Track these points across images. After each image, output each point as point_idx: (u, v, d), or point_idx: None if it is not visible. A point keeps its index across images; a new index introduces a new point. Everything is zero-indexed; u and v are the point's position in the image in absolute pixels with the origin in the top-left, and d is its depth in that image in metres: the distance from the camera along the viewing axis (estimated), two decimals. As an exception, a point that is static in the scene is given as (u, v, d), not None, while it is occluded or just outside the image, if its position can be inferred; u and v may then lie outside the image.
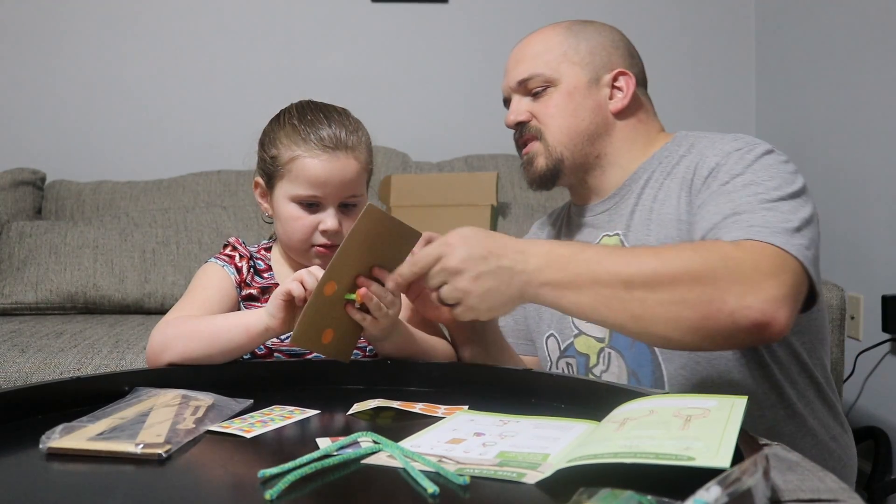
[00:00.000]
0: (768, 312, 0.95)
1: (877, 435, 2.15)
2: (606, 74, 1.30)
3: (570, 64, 1.29)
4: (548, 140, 1.29)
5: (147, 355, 1.15)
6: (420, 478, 0.72)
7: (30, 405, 0.97)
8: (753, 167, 1.12)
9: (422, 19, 2.94)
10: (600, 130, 1.29)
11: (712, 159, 1.17)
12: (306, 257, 1.24)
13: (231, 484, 0.79)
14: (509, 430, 0.87)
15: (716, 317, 0.96)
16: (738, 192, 1.09)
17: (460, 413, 0.95)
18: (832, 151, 2.46)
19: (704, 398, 0.82)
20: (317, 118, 1.24)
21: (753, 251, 0.99)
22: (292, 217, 1.22)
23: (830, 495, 0.68)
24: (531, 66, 1.30)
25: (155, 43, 2.88)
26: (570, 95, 1.28)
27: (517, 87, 1.32)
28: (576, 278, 0.99)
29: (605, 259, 1.00)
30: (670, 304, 0.96)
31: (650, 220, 1.22)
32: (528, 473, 0.73)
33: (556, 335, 1.33)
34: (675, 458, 0.67)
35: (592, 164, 1.31)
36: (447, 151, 2.86)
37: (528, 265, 1.00)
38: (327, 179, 1.20)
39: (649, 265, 0.98)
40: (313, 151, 1.20)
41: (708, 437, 0.70)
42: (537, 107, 1.30)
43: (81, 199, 2.68)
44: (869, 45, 2.30)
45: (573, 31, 1.32)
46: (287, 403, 1.01)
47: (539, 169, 1.31)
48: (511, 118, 1.33)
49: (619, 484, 0.64)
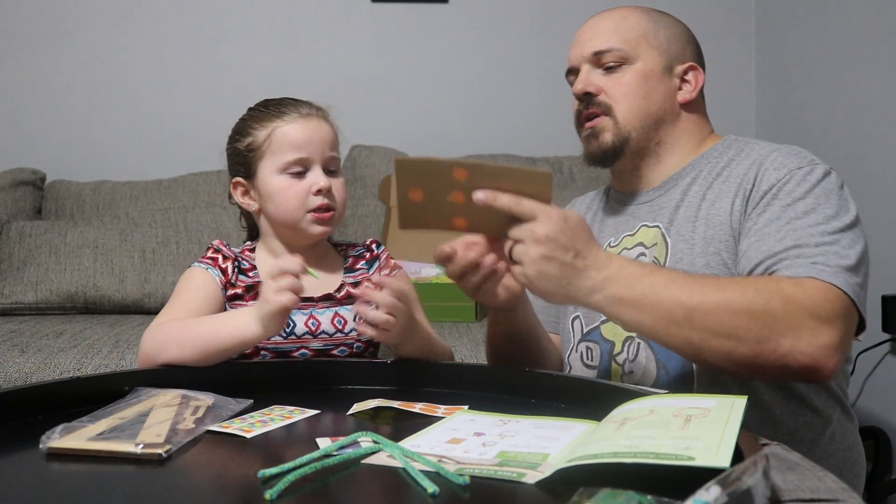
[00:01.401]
0: (820, 360, 0.99)
1: (877, 435, 2.15)
2: (679, 65, 1.29)
3: (649, 46, 1.28)
4: (617, 117, 1.27)
5: (140, 360, 1.16)
6: (420, 477, 0.72)
7: (30, 405, 0.97)
8: (815, 192, 1.14)
9: (422, 19, 2.94)
10: (667, 117, 1.29)
11: (773, 174, 1.17)
12: (303, 228, 1.25)
13: (231, 484, 0.79)
14: (509, 429, 0.87)
15: (768, 357, 0.99)
16: (800, 219, 1.11)
17: (460, 413, 0.95)
18: (832, 151, 2.46)
19: (704, 398, 0.82)
20: (281, 101, 1.29)
21: (815, 293, 1.02)
22: (283, 188, 1.24)
23: (830, 495, 0.68)
24: (610, 40, 1.28)
25: (155, 43, 2.88)
26: (644, 77, 1.27)
27: (590, 58, 1.30)
28: (641, 298, 1.01)
29: (672, 285, 1.02)
30: (726, 338, 0.99)
31: (696, 217, 1.22)
32: (528, 473, 0.73)
33: (582, 317, 1.33)
34: (675, 458, 0.67)
35: (652, 150, 1.30)
36: (447, 151, 2.86)
37: (599, 275, 1.01)
38: (309, 138, 1.24)
39: (712, 299, 1.00)
40: (288, 118, 1.24)
41: (708, 436, 0.70)
42: (609, 82, 1.28)
43: (81, 199, 2.68)
44: (869, 44, 2.30)
45: (652, 16, 1.31)
46: (287, 403, 1.01)
47: (605, 144, 1.28)
48: (580, 87, 1.30)
49: (619, 484, 0.64)
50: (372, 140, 2.81)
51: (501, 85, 2.95)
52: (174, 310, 1.21)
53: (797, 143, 1.33)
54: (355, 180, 2.75)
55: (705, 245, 1.19)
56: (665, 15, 1.34)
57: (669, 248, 1.23)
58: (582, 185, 2.69)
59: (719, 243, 1.18)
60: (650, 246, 1.26)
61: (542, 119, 2.95)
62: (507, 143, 2.88)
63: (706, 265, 1.18)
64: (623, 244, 1.30)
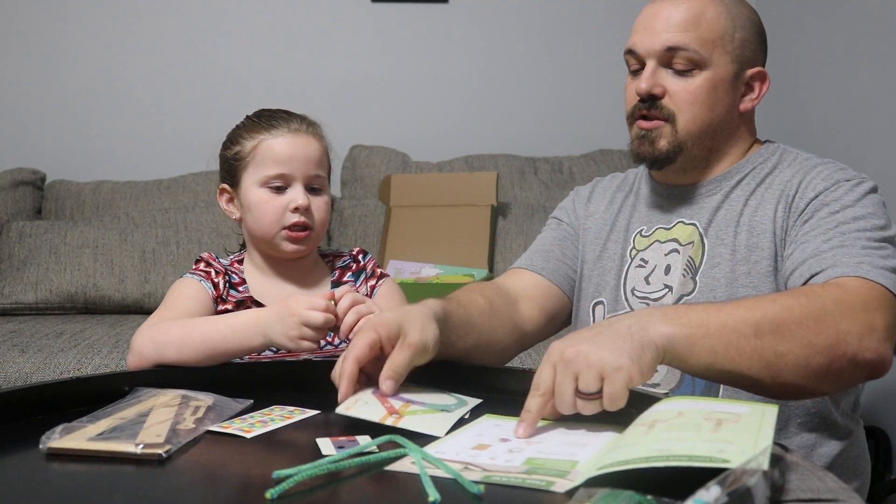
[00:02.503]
0: (881, 352, 0.98)
1: (877, 435, 2.15)
2: (748, 70, 1.23)
3: (723, 52, 1.19)
4: (678, 126, 1.20)
5: (131, 360, 1.14)
6: (427, 484, 0.70)
7: (30, 405, 0.97)
8: (863, 202, 1.12)
9: (422, 19, 2.94)
10: (726, 128, 1.23)
11: (820, 183, 1.15)
12: (277, 244, 1.25)
13: (231, 484, 0.79)
14: (536, 435, 0.85)
15: (840, 360, 0.96)
16: (848, 224, 1.09)
17: (486, 417, 0.93)
18: (832, 152, 2.46)
19: (734, 403, 0.80)
20: (274, 113, 1.28)
21: (861, 290, 1.00)
22: (261, 201, 1.24)
23: (830, 495, 0.68)
24: (687, 38, 1.18)
25: (155, 43, 2.88)
26: (714, 86, 1.19)
27: (661, 53, 1.19)
28: (701, 324, 0.91)
29: (725, 307, 0.95)
30: (800, 348, 0.94)
31: (738, 223, 1.19)
32: (557, 482, 0.71)
33: (605, 303, 1.29)
34: (708, 461, 0.66)
35: (703, 156, 1.24)
36: (447, 151, 2.86)
37: (643, 321, 0.90)
38: (292, 155, 1.23)
39: (773, 309, 0.95)
40: (276, 132, 1.24)
41: (742, 441, 0.69)
42: (677, 86, 1.20)
43: (81, 199, 2.68)
44: (869, 44, 2.30)
45: (731, 12, 1.21)
46: (287, 403, 1.01)
47: (659, 151, 1.22)
48: (645, 87, 1.20)
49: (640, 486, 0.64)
50: (372, 140, 2.81)
51: (501, 85, 2.95)
52: (168, 312, 1.20)
53: (797, 144, 1.33)
54: (355, 180, 2.75)
55: (748, 252, 1.17)
56: (742, 6, 1.23)
57: (706, 250, 1.21)
58: (582, 184, 2.69)
59: (762, 251, 1.16)
60: (685, 244, 1.23)
61: (543, 119, 2.95)
62: (507, 143, 2.88)
63: (747, 273, 1.16)
64: (656, 236, 1.27)
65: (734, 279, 1.17)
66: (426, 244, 2.44)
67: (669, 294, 1.22)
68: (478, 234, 2.48)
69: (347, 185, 2.77)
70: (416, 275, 2.33)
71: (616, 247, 1.31)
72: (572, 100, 2.94)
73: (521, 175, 2.73)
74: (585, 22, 2.90)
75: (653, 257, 1.25)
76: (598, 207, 1.38)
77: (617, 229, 1.33)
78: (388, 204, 2.57)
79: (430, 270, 2.35)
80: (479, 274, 2.30)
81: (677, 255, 1.23)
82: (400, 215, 2.52)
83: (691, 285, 1.20)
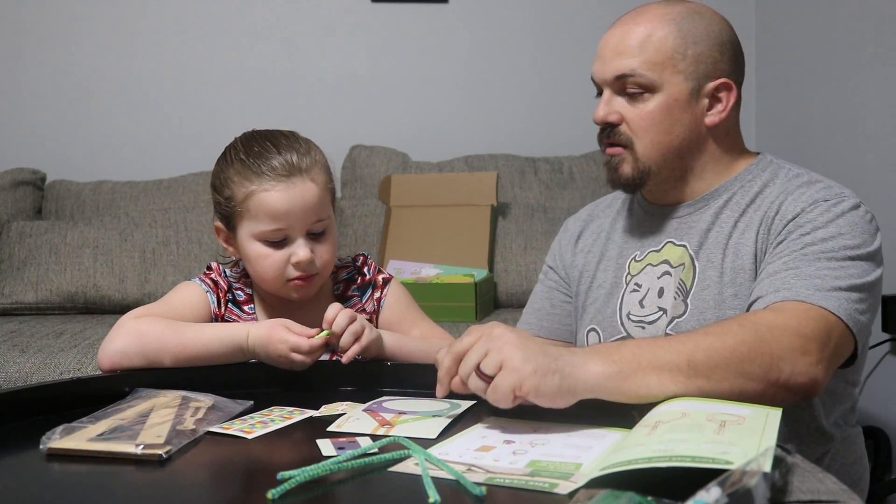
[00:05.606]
0: (813, 374, 0.98)
1: (877, 435, 2.15)
2: (709, 83, 1.21)
3: (675, 72, 1.19)
4: (637, 151, 1.21)
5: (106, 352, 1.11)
6: (428, 485, 0.70)
7: (30, 405, 0.97)
8: (838, 222, 1.11)
9: (422, 19, 2.94)
10: (692, 146, 1.22)
11: (798, 205, 1.14)
12: (284, 293, 1.20)
13: (231, 484, 0.79)
14: (540, 437, 0.85)
15: (775, 386, 0.97)
16: (815, 245, 1.09)
17: (491, 418, 0.93)
18: (832, 152, 2.46)
19: (737, 405, 0.80)
20: (264, 148, 1.18)
21: (796, 314, 1.01)
22: (261, 256, 1.17)
23: (830, 496, 0.68)
24: (633, 63, 1.19)
25: (155, 43, 2.88)
26: (668, 109, 1.19)
27: (612, 82, 1.21)
28: (632, 360, 0.91)
29: (659, 341, 0.96)
30: (734, 377, 0.94)
31: (727, 246, 1.19)
32: (561, 483, 0.72)
33: (599, 330, 1.30)
34: (712, 462, 0.66)
35: (678, 176, 1.24)
36: (447, 151, 2.86)
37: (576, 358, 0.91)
38: (289, 210, 1.14)
39: (705, 341, 0.95)
40: (268, 183, 1.14)
41: (746, 443, 0.69)
42: (631, 112, 1.20)
43: (81, 199, 2.68)
44: (868, 45, 2.30)
45: (683, 28, 1.20)
46: (286, 404, 1.01)
47: (624, 177, 1.23)
48: (600, 115, 1.22)
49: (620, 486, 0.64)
50: (372, 140, 2.81)
51: (501, 85, 2.95)
52: (160, 309, 1.18)
53: (797, 145, 1.32)
54: (355, 180, 2.75)
55: (734, 275, 1.17)
56: (697, 18, 1.22)
57: (697, 273, 1.21)
58: (582, 184, 2.69)
59: (745, 273, 1.16)
60: (676, 266, 1.23)
61: (543, 119, 2.95)
62: (506, 144, 2.88)
63: (734, 295, 1.16)
64: (648, 260, 1.27)
65: (722, 301, 1.17)
66: (426, 244, 2.44)
67: (664, 316, 1.22)
68: (478, 234, 2.48)
69: (347, 185, 2.77)
70: (416, 275, 2.33)
71: (607, 275, 1.32)
72: (573, 100, 2.94)
73: (521, 175, 2.73)
74: (585, 22, 2.90)
75: (646, 281, 1.26)
76: (587, 242, 1.40)
77: (607, 258, 1.34)
78: (388, 204, 2.57)
79: (430, 270, 2.35)
80: (479, 274, 2.30)
81: (669, 278, 1.23)
82: (400, 215, 2.52)
83: (682, 308, 1.21)
